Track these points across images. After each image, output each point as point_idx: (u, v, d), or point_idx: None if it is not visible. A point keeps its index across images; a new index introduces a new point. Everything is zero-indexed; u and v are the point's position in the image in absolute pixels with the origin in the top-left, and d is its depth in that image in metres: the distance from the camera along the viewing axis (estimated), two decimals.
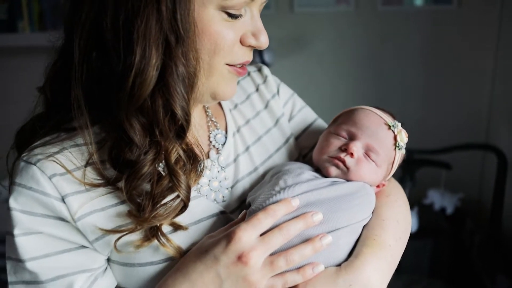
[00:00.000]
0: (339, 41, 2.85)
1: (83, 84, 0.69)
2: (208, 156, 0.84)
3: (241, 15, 0.71)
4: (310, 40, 2.82)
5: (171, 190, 0.70)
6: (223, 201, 0.83)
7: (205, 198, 0.79)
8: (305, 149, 0.97)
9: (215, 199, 0.82)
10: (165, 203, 0.70)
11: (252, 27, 0.74)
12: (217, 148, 0.86)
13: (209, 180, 0.82)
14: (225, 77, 0.75)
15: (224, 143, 0.86)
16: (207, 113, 0.89)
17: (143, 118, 0.67)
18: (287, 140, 0.94)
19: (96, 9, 0.66)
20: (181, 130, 0.70)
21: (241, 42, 0.73)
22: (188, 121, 0.70)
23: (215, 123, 0.88)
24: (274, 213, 0.70)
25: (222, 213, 0.79)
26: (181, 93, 0.67)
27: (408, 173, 2.39)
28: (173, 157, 0.70)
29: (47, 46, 0.76)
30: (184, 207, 0.71)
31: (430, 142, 2.62)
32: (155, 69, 0.65)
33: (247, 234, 0.66)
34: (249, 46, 0.75)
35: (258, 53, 2.76)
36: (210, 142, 0.86)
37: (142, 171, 0.68)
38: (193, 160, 0.73)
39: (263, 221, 0.68)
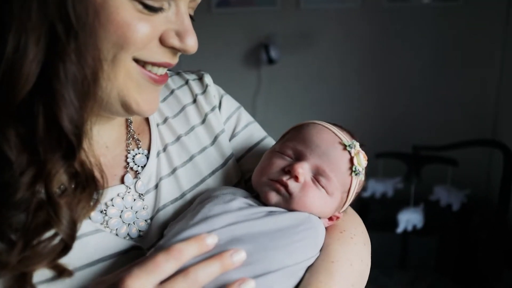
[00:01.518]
0: (345, 37, 2.80)
1: None
2: (122, 181, 0.67)
3: (161, 8, 0.55)
4: (316, 36, 2.80)
5: (49, 225, 0.52)
6: (139, 235, 0.65)
7: (108, 233, 0.62)
8: (248, 173, 0.78)
9: (128, 234, 0.65)
10: (41, 242, 0.52)
11: (177, 26, 0.58)
12: (136, 171, 0.69)
13: (121, 211, 0.65)
14: (133, 79, 0.57)
15: (144, 165, 0.70)
16: (129, 129, 0.72)
17: (22, 129, 0.51)
18: (226, 162, 0.76)
19: None
20: (69, 149, 0.52)
21: (161, 42, 0.57)
22: (79, 137, 0.52)
23: (136, 141, 0.71)
24: (180, 254, 0.51)
25: (135, 248, 0.62)
26: (70, 100, 0.50)
27: (414, 170, 2.39)
28: (56, 182, 0.52)
29: None
30: (65, 248, 0.53)
31: (436, 138, 2.61)
32: (33, 65, 0.49)
33: (139, 284, 0.48)
34: (172, 47, 0.58)
35: (265, 49, 2.77)
36: (128, 164, 0.69)
37: (16, 197, 0.50)
38: (86, 186, 0.56)
39: (162, 265, 0.50)
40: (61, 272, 0.55)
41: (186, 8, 0.59)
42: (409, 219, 2.27)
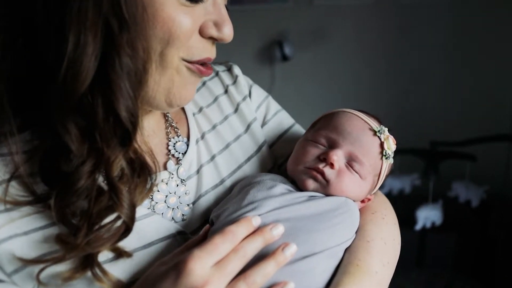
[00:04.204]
0: (359, 33, 2.77)
1: (7, 80, 0.56)
2: (165, 168, 0.71)
3: (202, 0, 0.59)
4: (330, 32, 2.78)
5: (111, 209, 0.56)
6: (183, 220, 0.69)
7: (160, 217, 0.66)
8: (281, 158, 0.83)
9: (172, 218, 0.69)
10: (103, 226, 0.56)
11: (214, 16, 0.62)
12: (177, 158, 0.72)
13: (166, 196, 0.69)
14: (182, 75, 0.62)
15: (185, 152, 0.73)
16: (167, 118, 0.76)
17: (82, 120, 0.55)
18: (259, 148, 0.81)
19: None
20: (126, 135, 0.57)
21: (201, 33, 0.61)
22: (134, 124, 0.57)
23: (175, 129, 0.75)
24: (233, 236, 0.55)
25: (180, 233, 0.66)
26: (126, 90, 0.55)
27: (432, 166, 2.36)
28: (116, 168, 0.57)
29: None
30: (127, 230, 0.58)
31: (454, 134, 2.58)
32: (92, 60, 0.53)
33: (200, 264, 0.52)
34: (210, 38, 0.62)
35: (278, 46, 2.76)
36: (169, 151, 0.73)
37: (78, 185, 0.55)
38: (140, 172, 0.60)
39: (220, 246, 0.54)
40: (121, 254, 0.59)
41: None
42: (427, 216, 2.24)
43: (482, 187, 2.37)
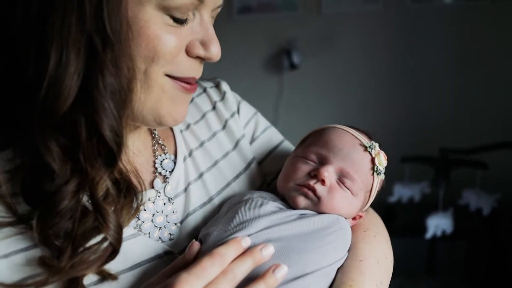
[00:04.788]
0: (368, 40, 2.77)
1: None
2: (152, 186, 0.69)
3: (187, 20, 0.58)
4: (339, 40, 2.78)
5: (96, 230, 0.55)
6: (170, 239, 0.68)
7: (146, 237, 0.65)
8: (270, 175, 0.82)
9: (160, 238, 0.67)
10: (88, 248, 0.55)
11: (201, 35, 0.61)
12: (164, 176, 0.71)
13: (153, 215, 0.67)
14: (167, 93, 0.61)
15: (172, 170, 0.72)
16: (154, 135, 0.75)
17: (64, 139, 0.53)
18: (248, 165, 0.80)
19: None
20: (111, 155, 0.55)
21: (187, 52, 0.60)
22: (119, 144, 0.55)
23: (162, 147, 0.74)
24: (222, 258, 0.55)
25: (167, 253, 0.65)
26: (110, 110, 0.53)
27: (442, 173, 2.34)
28: (101, 189, 0.55)
29: None
30: (113, 252, 0.56)
31: (464, 141, 2.56)
32: (75, 78, 0.51)
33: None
34: (197, 57, 0.62)
35: (286, 54, 2.77)
36: (156, 169, 0.71)
37: (61, 206, 0.53)
38: (126, 192, 0.59)
39: (208, 269, 0.53)
40: (106, 277, 0.58)
41: (209, 17, 0.62)
42: (438, 224, 2.22)
43: (493, 195, 2.34)
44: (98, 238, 0.56)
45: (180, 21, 0.57)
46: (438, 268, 2.43)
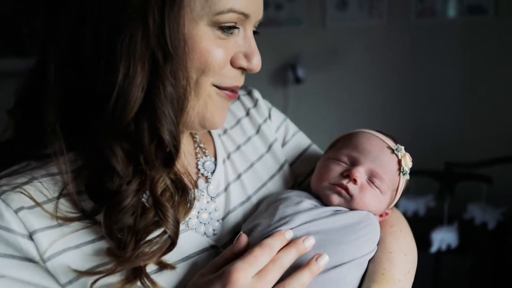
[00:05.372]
0: (373, 54, 2.82)
1: (58, 106, 0.62)
2: (196, 186, 0.76)
3: (233, 33, 0.66)
4: (343, 54, 2.81)
5: (156, 225, 0.62)
6: (214, 234, 0.75)
7: (194, 232, 0.72)
8: (300, 176, 0.90)
9: (204, 233, 0.74)
10: (150, 240, 0.62)
11: (245, 48, 0.68)
12: (206, 177, 0.78)
13: (198, 212, 0.74)
14: (213, 99, 0.68)
15: (213, 171, 0.79)
16: (195, 139, 0.82)
17: (127, 144, 0.60)
18: (281, 167, 0.87)
19: (74, 21, 0.60)
20: (169, 157, 0.63)
21: (232, 63, 0.68)
22: (177, 147, 0.63)
23: (203, 150, 0.81)
24: (271, 248, 0.62)
25: (212, 247, 0.72)
26: (170, 116, 0.60)
27: (447, 187, 2.34)
28: (160, 188, 0.62)
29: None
30: (172, 244, 0.63)
31: (470, 155, 2.56)
32: (140, 89, 0.58)
33: (243, 275, 0.58)
34: (240, 68, 0.69)
35: (291, 68, 2.79)
36: (198, 170, 0.79)
37: (124, 203, 0.60)
38: (182, 191, 0.66)
39: (259, 258, 0.61)
40: (165, 266, 0.64)
41: (251, 31, 0.69)
42: (443, 238, 2.21)
43: (498, 209, 2.33)
44: (158, 232, 0.62)
45: (227, 35, 0.65)
46: (443, 282, 2.41)
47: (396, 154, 0.79)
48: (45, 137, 0.63)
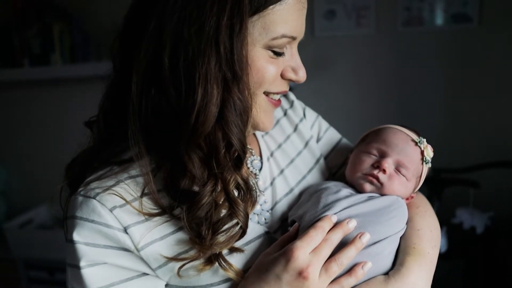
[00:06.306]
0: (361, 63, 2.86)
1: (140, 118, 0.73)
2: None
3: (283, 53, 0.78)
4: (332, 63, 2.85)
5: (230, 217, 0.74)
6: (266, 222, 0.87)
7: (251, 221, 0.82)
8: (334, 168, 1.03)
9: (258, 222, 0.86)
10: (223, 230, 0.73)
11: (292, 63, 0.80)
12: (255, 174, 0.90)
13: None
14: (262, 106, 0.81)
15: (260, 168, 0.91)
16: None
17: (201, 152, 0.72)
18: (317, 161, 1.00)
19: (155, 46, 0.70)
20: (238, 160, 0.75)
21: (282, 76, 0.80)
22: (245, 152, 0.75)
23: (250, 150, 0.92)
24: (322, 230, 0.74)
25: (266, 233, 0.83)
26: (239, 126, 0.72)
27: (435, 192, 2.37)
28: (232, 186, 0.74)
29: (77, 77, 0.78)
30: (243, 233, 0.75)
31: (457, 160, 2.59)
32: (216, 106, 0.69)
33: (303, 252, 0.71)
34: (289, 79, 0.82)
35: None
36: (248, 168, 0.90)
37: (202, 202, 0.71)
38: (248, 187, 0.78)
39: (314, 237, 0.73)
40: (235, 250, 0.77)
41: (296, 48, 0.82)
42: None
43: (486, 213, 2.37)
44: (231, 223, 0.74)
45: (279, 54, 0.77)
46: (432, 287, 2.42)
47: (419, 146, 0.92)
48: (124, 144, 0.75)
